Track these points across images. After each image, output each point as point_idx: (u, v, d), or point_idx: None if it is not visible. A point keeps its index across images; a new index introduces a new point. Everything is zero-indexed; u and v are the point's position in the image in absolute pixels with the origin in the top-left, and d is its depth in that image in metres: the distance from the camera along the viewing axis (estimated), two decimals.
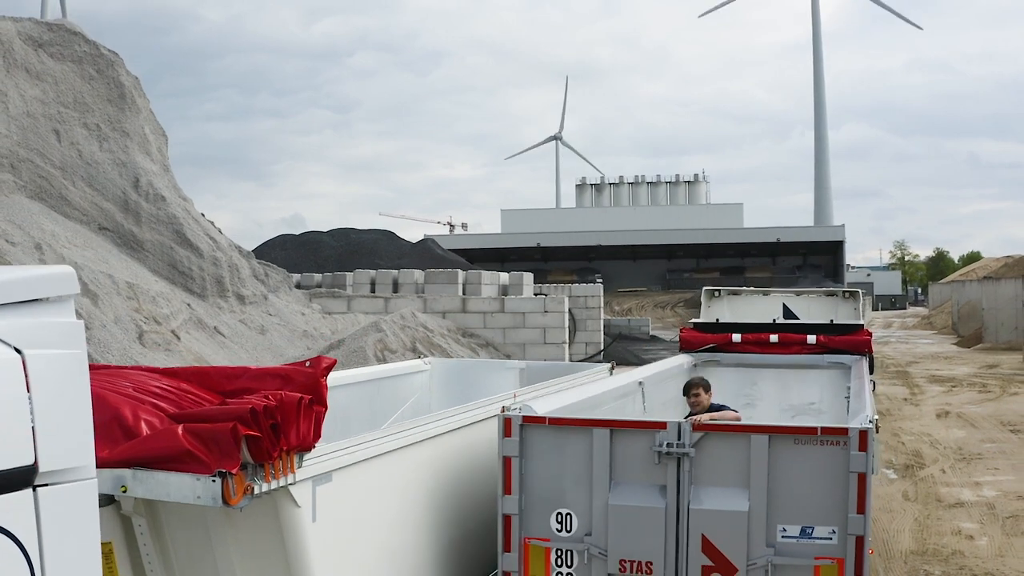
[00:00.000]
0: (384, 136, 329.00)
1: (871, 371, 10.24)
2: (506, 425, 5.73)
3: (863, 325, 11.35)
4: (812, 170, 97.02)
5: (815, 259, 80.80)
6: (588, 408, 6.75)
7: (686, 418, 6.31)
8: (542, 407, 6.03)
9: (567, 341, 23.56)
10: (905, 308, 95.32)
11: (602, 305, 31.62)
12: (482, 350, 22.86)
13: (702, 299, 12.37)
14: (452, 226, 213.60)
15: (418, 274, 27.40)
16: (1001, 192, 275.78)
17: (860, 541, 5.31)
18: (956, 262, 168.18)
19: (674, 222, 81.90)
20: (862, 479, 5.31)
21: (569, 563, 5.72)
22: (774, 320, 11.55)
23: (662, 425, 5.70)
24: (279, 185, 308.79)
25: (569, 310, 31.96)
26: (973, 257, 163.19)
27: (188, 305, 18.29)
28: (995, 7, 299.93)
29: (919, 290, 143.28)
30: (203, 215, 22.58)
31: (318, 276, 31.48)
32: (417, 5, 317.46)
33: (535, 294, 31.75)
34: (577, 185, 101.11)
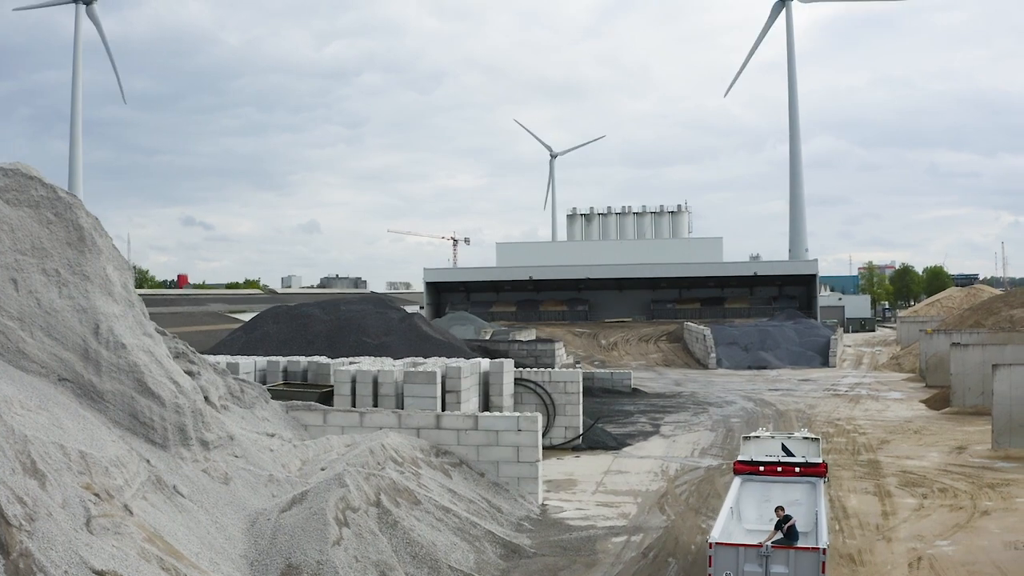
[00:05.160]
0: (392, 149, 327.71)
1: (827, 480, 18.78)
2: (709, 545, 13.54)
3: (822, 461, 18.49)
4: (785, 179, 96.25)
5: (790, 290, 78.92)
6: (731, 526, 15.87)
7: (776, 524, 15.03)
8: (715, 532, 14.19)
9: (539, 459, 21.64)
10: (874, 330, 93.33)
11: (581, 392, 29.70)
12: (454, 470, 20.99)
13: (741, 443, 19.26)
14: (456, 240, 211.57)
15: (398, 374, 25.63)
16: (959, 199, 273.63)
17: None
18: (920, 274, 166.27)
19: (658, 255, 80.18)
20: (824, 563, 13.13)
21: None
22: (779, 458, 18.36)
23: (760, 546, 13.52)
24: (297, 194, 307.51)
25: (549, 394, 30.09)
26: (936, 272, 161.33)
27: (147, 462, 16.38)
28: (952, 29, 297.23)
29: (886, 306, 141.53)
30: (176, 342, 20.69)
31: (304, 361, 29.74)
32: (418, 29, 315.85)
33: (516, 380, 29.90)
34: (568, 216, 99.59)
